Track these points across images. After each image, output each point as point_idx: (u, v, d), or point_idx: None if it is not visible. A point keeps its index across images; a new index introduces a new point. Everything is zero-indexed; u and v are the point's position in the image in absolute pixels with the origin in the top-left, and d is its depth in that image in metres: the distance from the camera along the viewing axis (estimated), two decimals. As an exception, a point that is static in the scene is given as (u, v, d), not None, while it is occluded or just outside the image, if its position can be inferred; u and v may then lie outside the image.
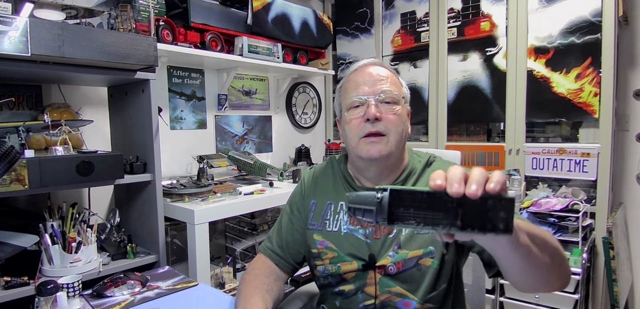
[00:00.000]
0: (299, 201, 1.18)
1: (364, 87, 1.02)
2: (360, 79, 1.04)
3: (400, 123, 1.02)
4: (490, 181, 0.53)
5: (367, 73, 1.04)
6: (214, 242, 2.20)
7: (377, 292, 1.01)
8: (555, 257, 0.77)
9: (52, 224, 1.47)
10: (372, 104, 1.00)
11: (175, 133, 2.34)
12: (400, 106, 1.03)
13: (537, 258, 0.72)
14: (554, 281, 0.79)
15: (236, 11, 2.37)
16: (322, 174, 1.19)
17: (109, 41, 1.42)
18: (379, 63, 1.08)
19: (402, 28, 2.83)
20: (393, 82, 1.04)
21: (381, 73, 1.04)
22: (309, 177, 1.21)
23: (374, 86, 1.02)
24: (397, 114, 1.01)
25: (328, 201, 1.12)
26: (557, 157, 2.25)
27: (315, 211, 1.13)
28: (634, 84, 2.33)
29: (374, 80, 1.03)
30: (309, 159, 2.93)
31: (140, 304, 1.14)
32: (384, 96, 1.01)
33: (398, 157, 1.06)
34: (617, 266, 1.99)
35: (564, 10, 2.18)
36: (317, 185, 1.17)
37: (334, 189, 1.13)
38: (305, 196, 1.17)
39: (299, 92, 3.06)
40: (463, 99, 2.59)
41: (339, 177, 1.14)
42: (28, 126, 1.44)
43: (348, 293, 1.05)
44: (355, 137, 1.02)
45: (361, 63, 1.09)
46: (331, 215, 1.10)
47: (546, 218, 2.01)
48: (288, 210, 1.20)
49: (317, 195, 1.15)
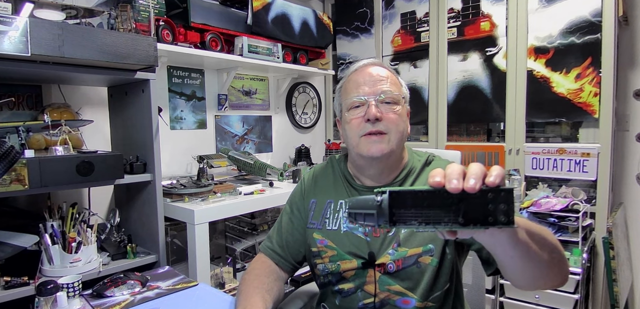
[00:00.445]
0: (299, 200, 1.19)
1: (365, 88, 1.03)
2: (360, 79, 1.04)
3: (400, 122, 1.02)
4: (489, 175, 0.53)
5: (367, 73, 1.05)
6: (214, 242, 2.20)
7: (377, 290, 1.01)
8: (554, 253, 0.77)
9: (52, 224, 1.47)
10: (373, 104, 1.00)
11: (175, 133, 2.34)
12: (400, 105, 1.03)
13: (536, 254, 0.72)
14: (554, 277, 0.79)
15: (236, 11, 2.37)
16: (322, 174, 1.19)
17: (109, 41, 1.42)
18: (379, 63, 1.09)
19: (402, 28, 2.83)
20: (393, 82, 1.04)
21: (381, 73, 1.04)
22: (308, 176, 1.21)
23: (374, 86, 1.02)
24: (398, 114, 1.02)
25: (328, 199, 1.13)
26: (557, 157, 2.25)
27: (315, 210, 1.14)
28: (634, 84, 2.33)
29: (374, 80, 1.03)
30: (309, 159, 2.93)
31: (140, 304, 1.14)
32: (384, 96, 1.01)
33: (398, 156, 1.07)
34: (617, 266, 1.99)
35: (564, 10, 2.18)
36: (317, 184, 1.17)
37: (334, 188, 1.14)
38: (305, 196, 1.18)
39: (299, 92, 3.06)
40: (463, 99, 2.59)
41: (339, 177, 1.15)
42: (28, 126, 1.44)
43: (348, 291, 1.05)
44: (356, 136, 1.03)
45: (361, 63, 1.09)
46: (331, 214, 1.11)
47: (546, 218, 2.01)
48: (288, 210, 1.20)
49: (317, 194, 1.15)
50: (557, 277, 0.80)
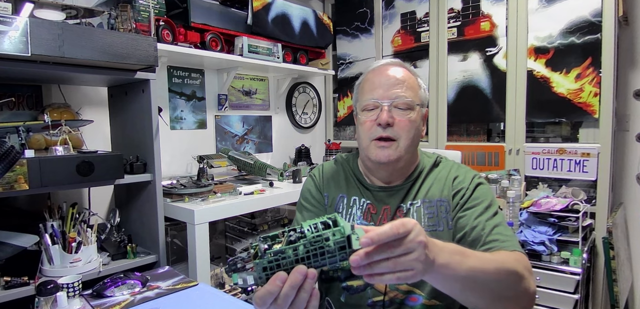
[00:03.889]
0: (316, 193, 1.18)
1: (379, 90, 1.03)
2: (376, 81, 1.05)
3: (412, 129, 1.03)
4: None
5: (385, 75, 1.05)
6: (214, 242, 2.20)
7: (387, 288, 1.02)
8: (503, 286, 0.78)
9: (52, 224, 1.47)
10: (385, 109, 1.01)
11: (175, 133, 2.34)
12: (415, 111, 1.03)
13: (473, 290, 0.75)
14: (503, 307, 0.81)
15: (236, 11, 2.37)
16: (331, 171, 1.20)
17: (109, 41, 1.42)
18: (399, 64, 1.09)
19: (402, 28, 2.83)
20: (410, 87, 1.04)
21: (398, 76, 1.04)
22: (319, 172, 1.22)
23: (389, 90, 1.02)
24: (410, 120, 1.02)
25: (340, 194, 1.14)
26: (557, 157, 2.25)
27: (328, 204, 1.15)
28: (634, 84, 2.33)
29: (390, 83, 1.03)
30: (309, 159, 2.93)
31: (140, 304, 1.14)
32: (398, 101, 1.02)
33: (408, 160, 1.08)
34: (617, 266, 1.99)
35: (564, 10, 2.18)
36: (328, 179, 1.18)
37: (345, 185, 1.15)
38: (320, 189, 1.18)
39: (299, 92, 3.06)
40: (463, 99, 2.59)
41: (349, 175, 1.16)
42: (28, 126, 1.44)
43: (357, 288, 1.05)
44: (367, 139, 1.04)
45: (380, 63, 1.09)
46: (344, 208, 1.12)
47: (546, 218, 2.01)
48: (303, 205, 1.19)
49: (328, 189, 1.17)
50: (512, 307, 0.81)
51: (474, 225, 0.96)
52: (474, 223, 0.97)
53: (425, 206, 1.05)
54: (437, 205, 1.04)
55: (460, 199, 1.02)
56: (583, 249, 1.95)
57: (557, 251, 1.94)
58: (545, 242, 1.95)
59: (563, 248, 1.95)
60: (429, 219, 1.04)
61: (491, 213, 0.98)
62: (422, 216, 1.04)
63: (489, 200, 1.01)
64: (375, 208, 1.09)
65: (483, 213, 0.98)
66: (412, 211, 1.06)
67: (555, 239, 1.96)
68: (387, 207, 1.08)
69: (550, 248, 1.94)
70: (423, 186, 1.08)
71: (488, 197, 1.02)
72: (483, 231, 0.94)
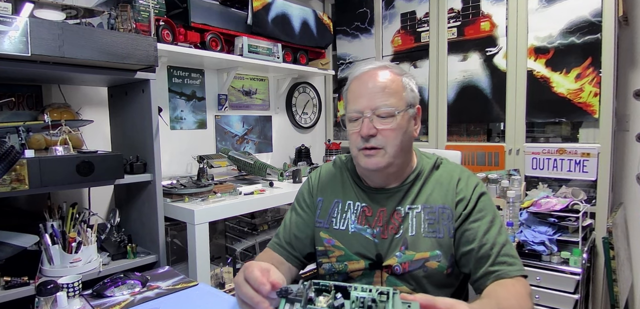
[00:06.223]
0: (308, 197, 1.19)
1: (361, 100, 1.02)
2: (357, 90, 1.04)
3: (397, 135, 1.01)
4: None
5: (366, 82, 1.03)
6: (214, 242, 2.20)
7: None
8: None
9: (52, 224, 1.47)
10: (366, 121, 1.00)
11: (175, 133, 2.34)
12: (400, 116, 1.01)
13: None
14: None
15: (236, 11, 2.37)
16: (329, 174, 1.20)
17: (109, 41, 1.42)
18: (382, 67, 1.05)
19: (402, 28, 2.83)
20: (393, 92, 1.01)
21: (380, 81, 1.02)
22: (315, 175, 1.22)
23: (372, 99, 1.01)
24: (394, 127, 1.01)
25: (335, 199, 1.14)
26: (557, 157, 2.25)
27: (322, 208, 1.15)
28: (634, 84, 2.33)
29: (372, 92, 1.01)
30: (309, 159, 2.93)
31: (140, 304, 1.14)
32: (380, 111, 1.00)
33: (400, 164, 1.07)
34: (617, 266, 1.99)
35: (564, 10, 2.18)
36: (324, 184, 1.18)
37: (342, 188, 1.15)
38: (313, 194, 1.19)
39: (299, 92, 3.06)
40: (463, 99, 2.59)
41: (347, 178, 1.16)
42: (28, 126, 1.44)
43: None
44: (355, 148, 1.05)
45: (362, 70, 1.06)
46: (338, 213, 1.12)
47: (546, 218, 2.01)
48: (295, 207, 1.21)
49: (324, 193, 1.17)
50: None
51: (483, 242, 0.98)
52: (483, 240, 0.98)
53: (425, 211, 1.05)
54: (439, 212, 1.04)
55: (463, 209, 1.02)
56: (583, 249, 1.95)
57: (557, 251, 1.94)
58: (545, 242, 1.95)
59: (563, 248, 1.95)
60: (429, 225, 1.03)
61: (497, 229, 1.00)
62: (421, 221, 1.04)
63: (493, 212, 1.03)
64: (371, 210, 1.09)
65: (490, 229, 0.99)
66: (411, 216, 1.05)
67: (555, 239, 1.96)
68: (383, 209, 1.08)
69: (550, 248, 1.94)
70: (423, 190, 1.07)
71: (491, 208, 1.03)
72: (492, 250, 0.96)
